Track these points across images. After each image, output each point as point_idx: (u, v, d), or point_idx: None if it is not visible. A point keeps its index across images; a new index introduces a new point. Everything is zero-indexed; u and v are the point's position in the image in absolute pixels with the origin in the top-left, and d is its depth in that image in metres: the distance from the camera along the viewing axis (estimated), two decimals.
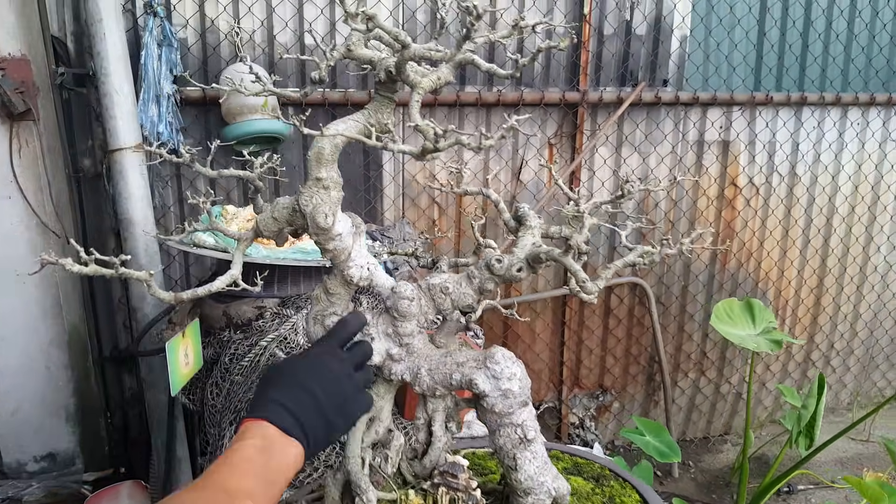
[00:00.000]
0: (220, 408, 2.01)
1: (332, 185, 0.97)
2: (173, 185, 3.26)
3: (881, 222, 4.36)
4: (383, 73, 0.95)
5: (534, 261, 1.02)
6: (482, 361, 1.03)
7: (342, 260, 1.03)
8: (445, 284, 1.05)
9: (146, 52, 2.98)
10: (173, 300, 0.98)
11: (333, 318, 1.06)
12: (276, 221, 1.01)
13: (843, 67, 4.04)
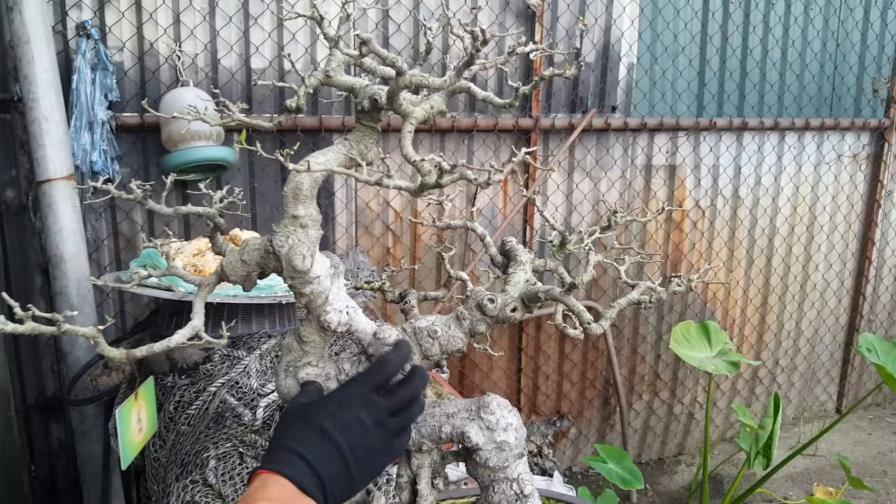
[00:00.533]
0: (165, 461, 1.86)
1: (310, 223, 0.88)
2: (107, 217, 3.07)
3: (818, 241, 4.49)
4: (367, 102, 0.87)
5: (529, 300, 0.94)
6: (475, 412, 0.95)
7: (319, 304, 0.94)
8: (433, 327, 0.97)
9: (78, 77, 2.81)
10: (125, 358, 0.86)
11: (308, 370, 0.96)
12: (245, 264, 0.91)
13: (779, 94, 4.17)
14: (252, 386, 1.86)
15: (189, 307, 1.79)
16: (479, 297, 0.97)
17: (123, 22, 2.95)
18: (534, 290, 0.93)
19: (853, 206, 4.51)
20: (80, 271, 2.47)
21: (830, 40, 4.16)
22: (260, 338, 2.06)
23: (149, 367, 2.09)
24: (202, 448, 1.72)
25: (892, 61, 4.31)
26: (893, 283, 4.81)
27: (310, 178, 0.86)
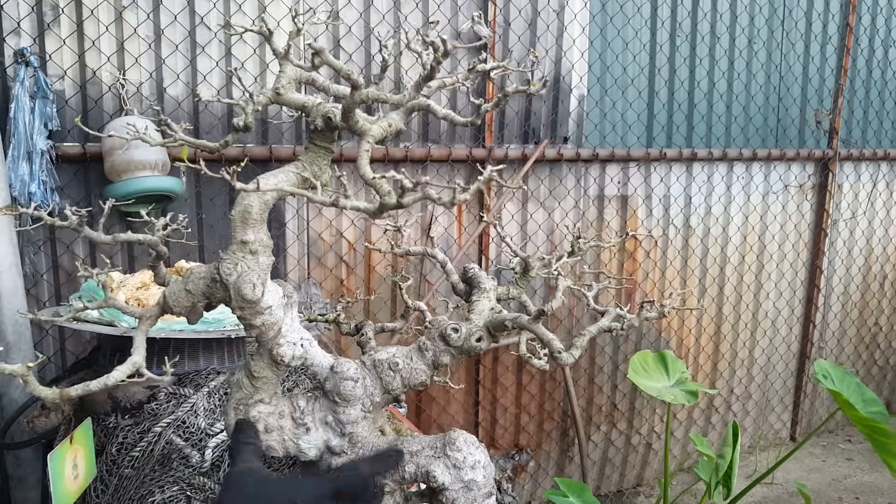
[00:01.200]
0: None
1: (260, 248, 0.82)
2: (47, 251, 2.93)
3: (768, 270, 4.58)
4: (320, 120, 0.82)
5: (496, 328, 0.89)
6: (440, 449, 0.89)
7: (271, 337, 0.87)
8: (394, 360, 0.91)
9: (16, 105, 2.70)
10: (58, 398, 0.78)
11: (261, 408, 0.89)
12: (190, 294, 0.84)
13: (726, 125, 4.27)
14: (200, 425, 1.76)
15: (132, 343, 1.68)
16: (443, 326, 0.92)
17: (65, 49, 2.86)
18: (500, 317, 0.88)
19: (801, 234, 4.62)
20: (16, 307, 2.33)
21: (774, 73, 4.29)
22: (208, 374, 1.96)
23: (90, 406, 1.96)
24: (147, 492, 1.61)
25: (832, 94, 4.47)
26: (842, 311, 4.92)
27: (259, 201, 0.80)
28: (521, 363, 3.96)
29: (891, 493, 4.13)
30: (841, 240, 4.77)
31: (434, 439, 0.91)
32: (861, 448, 4.80)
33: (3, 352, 2.30)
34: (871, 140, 4.71)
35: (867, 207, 4.81)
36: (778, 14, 4.26)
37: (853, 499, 4.09)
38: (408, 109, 0.78)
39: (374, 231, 3.50)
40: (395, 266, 3.58)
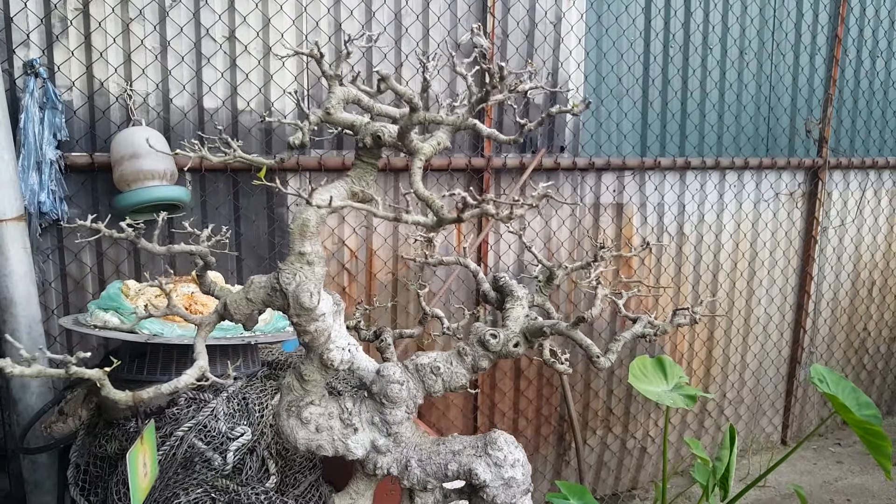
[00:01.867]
0: None
1: (316, 259, 0.87)
2: (55, 259, 2.96)
3: (760, 277, 4.67)
4: (369, 138, 0.87)
5: (533, 334, 0.95)
6: (482, 448, 0.94)
7: (322, 342, 0.93)
8: (436, 364, 0.97)
9: (26, 116, 2.74)
10: (131, 400, 0.83)
11: (312, 409, 0.94)
12: (251, 303, 0.89)
13: (718, 134, 4.36)
14: (220, 429, 1.80)
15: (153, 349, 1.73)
16: (481, 332, 0.97)
17: (73, 61, 2.89)
18: (537, 324, 0.94)
19: (791, 242, 4.71)
20: (31, 314, 2.36)
21: (765, 83, 4.39)
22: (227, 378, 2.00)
23: (110, 411, 2.00)
24: (172, 495, 1.65)
25: (822, 103, 4.58)
26: (831, 317, 5.02)
27: (316, 215, 0.85)
28: (518, 369, 4.02)
29: (881, 494, 4.22)
30: (830, 247, 4.87)
31: (475, 439, 0.96)
32: (851, 451, 4.89)
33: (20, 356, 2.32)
34: (859, 149, 4.82)
35: (856, 215, 4.92)
36: (768, 25, 4.37)
37: (844, 500, 4.18)
38: (454, 128, 0.83)
39: (376, 239, 3.56)
40: (395, 273, 3.63)
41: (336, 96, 0.89)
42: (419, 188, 0.78)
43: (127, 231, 0.93)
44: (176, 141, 3.04)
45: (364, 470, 0.97)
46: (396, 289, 3.66)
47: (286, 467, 1.80)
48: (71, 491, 2.03)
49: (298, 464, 1.80)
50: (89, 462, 2.08)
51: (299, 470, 1.78)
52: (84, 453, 2.11)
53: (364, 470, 0.97)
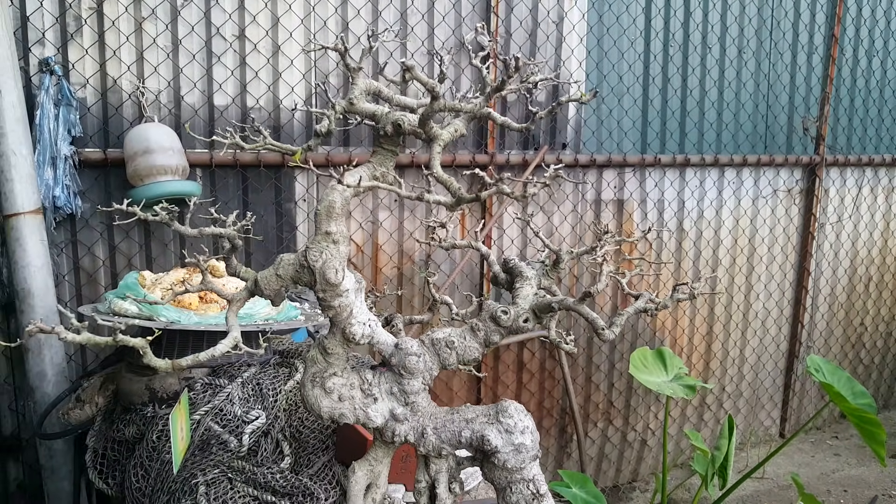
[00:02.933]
0: (150, 491, 1.84)
1: (341, 239, 0.94)
2: (69, 252, 3.03)
3: (758, 272, 4.74)
4: (390, 126, 0.94)
5: (541, 310, 1.02)
6: (493, 416, 1.01)
7: (344, 317, 0.99)
8: (450, 339, 1.03)
9: (41, 112, 2.81)
10: (170, 368, 0.90)
11: (335, 380, 1.01)
12: (280, 279, 0.96)
13: (717, 131, 4.43)
14: (236, 413, 1.87)
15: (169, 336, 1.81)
16: (493, 309, 1.04)
17: (87, 59, 2.96)
18: (546, 300, 1.01)
19: (789, 238, 4.78)
20: (48, 305, 2.43)
21: (763, 81, 4.46)
22: (240, 366, 2.07)
23: (128, 397, 2.07)
24: (189, 475, 1.72)
25: (819, 101, 4.65)
26: (829, 312, 5.09)
27: (341, 197, 0.92)
28: (521, 362, 4.09)
29: (877, 485, 4.29)
30: (828, 243, 4.94)
31: (487, 408, 1.03)
32: (848, 444, 4.96)
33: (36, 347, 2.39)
34: (856, 146, 4.89)
35: (853, 211, 4.98)
36: (766, 25, 4.43)
37: (841, 491, 4.25)
38: (470, 116, 0.90)
39: (381, 234, 3.63)
40: (400, 268, 3.70)
41: (359, 87, 0.96)
42: (438, 171, 0.84)
43: (161, 214, 0.99)
44: (187, 137, 3.11)
45: (383, 438, 1.03)
46: (401, 283, 3.73)
47: (300, 449, 1.87)
48: (89, 474, 2.10)
49: (312, 445, 1.87)
50: (107, 447, 2.14)
51: (313, 451, 1.85)
52: (101, 438, 2.18)
53: (383, 438, 1.03)
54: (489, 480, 1.04)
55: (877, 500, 4.11)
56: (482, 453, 1.03)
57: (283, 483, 1.65)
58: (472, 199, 0.84)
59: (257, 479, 1.69)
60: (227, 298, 0.98)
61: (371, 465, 1.04)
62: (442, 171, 0.85)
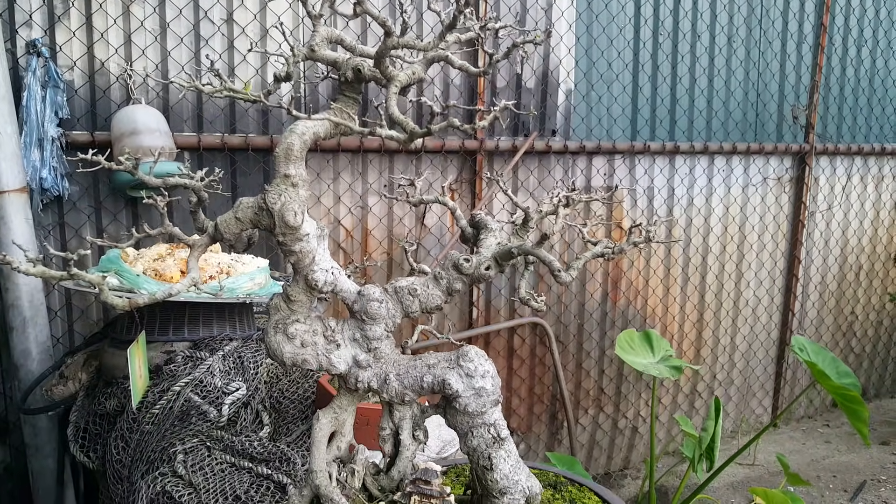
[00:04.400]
0: (129, 461, 1.85)
1: (300, 182, 0.95)
2: (56, 235, 3.03)
3: (749, 260, 4.75)
4: (350, 72, 0.95)
5: (503, 258, 1.03)
6: (454, 361, 1.02)
7: (306, 264, 1.00)
8: (413, 286, 1.04)
9: (28, 94, 2.81)
10: (128, 306, 0.91)
11: (297, 326, 1.02)
12: (239, 222, 0.97)
13: (707, 119, 4.44)
14: (216, 384, 1.88)
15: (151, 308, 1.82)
16: (455, 257, 1.05)
17: (74, 41, 2.97)
18: (506, 248, 1.02)
19: (779, 226, 4.79)
20: (32, 283, 2.44)
21: (752, 69, 4.47)
22: (221, 340, 2.08)
23: (110, 371, 2.08)
24: (168, 444, 1.73)
25: (808, 90, 4.66)
26: (819, 300, 5.10)
27: (300, 140, 0.93)
28: (511, 348, 4.10)
29: (866, 471, 4.30)
30: (818, 231, 4.95)
31: (448, 354, 1.04)
32: (839, 432, 4.98)
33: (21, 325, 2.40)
34: (845, 135, 4.90)
35: (842, 200, 5.00)
36: (756, 13, 4.44)
37: (831, 477, 4.26)
38: (428, 60, 0.91)
39: (371, 219, 3.63)
40: (390, 253, 3.71)
41: (320, 35, 0.97)
42: (394, 112, 0.85)
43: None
44: (175, 120, 3.12)
45: (347, 385, 1.04)
46: (391, 268, 3.74)
47: (279, 419, 1.88)
48: (71, 448, 2.11)
49: (291, 415, 1.88)
50: (88, 421, 2.15)
51: (292, 420, 1.86)
52: (84, 413, 2.19)
53: (347, 385, 1.04)
54: (451, 426, 1.05)
55: (865, 485, 4.12)
56: (444, 399, 1.04)
57: (261, 450, 1.66)
58: (424, 134, 0.85)
59: (235, 446, 1.70)
60: (188, 244, 0.99)
61: (336, 412, 1.05)
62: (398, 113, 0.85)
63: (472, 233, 1.18)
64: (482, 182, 3.79)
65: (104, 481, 2.00)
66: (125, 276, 2.02)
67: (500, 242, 1.07)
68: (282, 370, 2.04)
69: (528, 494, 1.05)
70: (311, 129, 0.94)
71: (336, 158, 3.47)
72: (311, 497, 1.02)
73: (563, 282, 0.95)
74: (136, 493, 1.68)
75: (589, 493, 1.25)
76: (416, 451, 1.09)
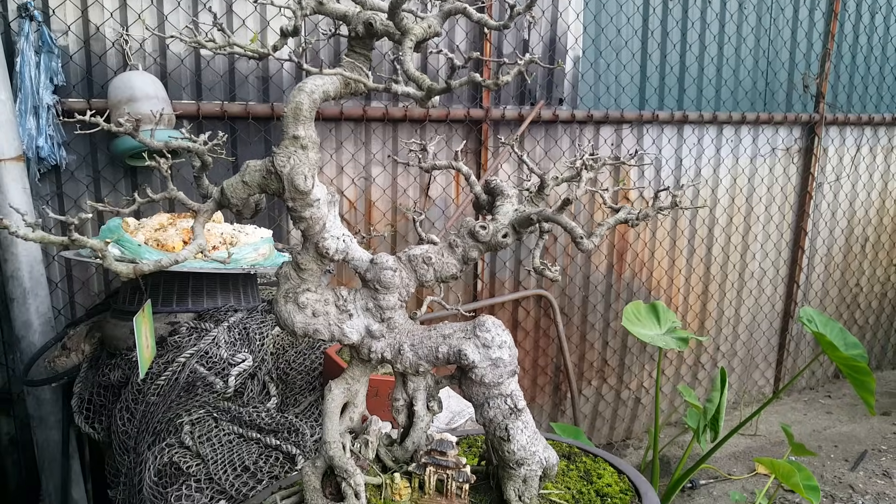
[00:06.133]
0: (135, 432, 1.82)
1: (310, 144, 0.90)
2: (54, 205, 2.98)
3: (755, 231, 4.70)
4: (361, 27, 0.90)
5: (521, 225, 0.99)
6: (470, 331, 0.99)
7: (317, 231, 0.96)
8: (427, 255, 1.00)
9: (22, 59, 2.74)
10: (132, 272, 0.87)
11: (308, 295, 0.98)
12: (247, 186, 0.92)
13: (716, 88, 4.36)
14: (222, 356, 1.85)
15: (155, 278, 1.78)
16: (471, 224, 1.01)
17: (68, 4, 2.89)
18: (524, 213, 0.97)
19: (787, 197, 4.74)
20: (31, 254, 2.40)
21: (763, 37, 4.38)
22: (226, 311, 2.04)
23: (113, 342, 2.05)
24: (175, 416, 1.70)
25: (820, 58, 4.57)
26: (825, 272, 5.07)
27: (309, 99, 0.88)
28: (516, 320, 4.08)
29: (867, 441, 4.31)
30: (825, 202, 4.90)
31: (464, 324, 1.01)
32: (840, 403, 4.98)
33: (21, 296, 2.37)
34: (856, 105, 4.82)
35: (851, 171, 4.94)
36: None
37: (832, 447, 4.27)
38: (445, 13, 0.86)
39: (374, 190, 3.58)
40: (393, 225, 3.67)
41: None
42: (409, 67, 0.80)
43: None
44: (173, 87, 3.05)
45: (359, 355, 1.01)
46: (395, 241, 3.70)
47: (286, 390, 1.86)
48: (76, 419, 2.09)
49: (299, 386, 1.85)
50: (93, 393, 2.13)
51: (299, 391, 1.83)
52: (87, 384, 2.17)
53: (359, 355, 1.01)
54: (467, 398, 1.02)
55: (866, 454, 4.12)
56: (460, 370, 1.01)
57: (269, 421, 1.63)
58: (442, 90, 0.80)
59: (242, 417, 1.67)
60: (193, 210, 0.95)
61: (348, 383, 1.02)
62: (413, 69, 0.80)
63: (487, 199, 1.13)
64: (487, 152, 3.73)
65: (110, 452, 1.98)
66: (126, 246, 1.98)
67: (517, 209, 1.03)
68: (288, 341, 2.01)
69: (546, 465, 1.02)
70: (320, 86, 0.89)
71: (339, 127, 3.40)
72: (325, 468, 0.99)
73: (585, 249, 0.91)
74: (143, 463, 1.66)
75: (603, 464, 1.22)
76: (430, 422, 1.05)
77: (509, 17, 0.84)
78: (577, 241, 0.91)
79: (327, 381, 1.76)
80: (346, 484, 0.93)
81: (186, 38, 0.93)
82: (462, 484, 1.01)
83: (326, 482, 0.99)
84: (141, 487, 1.61)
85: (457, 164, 1.15)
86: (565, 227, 0.92)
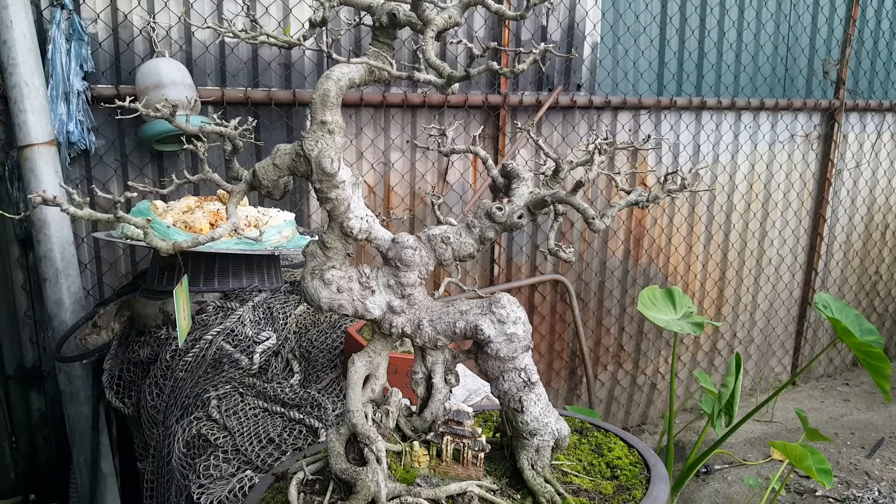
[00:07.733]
0: (164, 407, 1.90)
1: (336, 129, 0.95)
2: (83, 188, 3.07)
3: (773, 218, 4.70)
4: (385, 17, 0.95)
5: (535, 206, 1.03)
6: (487, 307, 1.04)
7: (342, 211, 1.01)
8: (446, 235, 1.05)
9: (53, 46, 2.82)
10: (171, 249, 0.93)
11: (333, 272, 1.04)
12: (277, 168, 0.98)
13: (735, 74, 4.35)
14: (247, 334, 1.92)
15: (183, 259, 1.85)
16: (488, 206, 1.06)
17: None
18: (539, 195, 1.02)
19: (805, 184, 4.73)
20: (63, 235, 2.48)
21: (783, 22, 4.36)
22: (251, 291, 2.11)
23: (142, 320, 2.12)
24: (202, 391, 1.78)
25: (840, 44, 4.54)
26: (843, 259, 5.06)
27: (336, 86, 0.93)
28: (532, 304, 4.12)
29: (884, 429, 4.31)
30: (844, 189, 4.88)
31: (481, 301, 1.06)
32: (858, 391, 4.98)
33: (53, 276, 2.45)
34: (877, 91, 4.79)
35: (871, 158, 4.91)
36: None
37: (849, 434, 4.28)
38: (464, 3, 0.90)
39: (393, 175, 3.63)
40: (411, 209, 3.72)
41: None
42: (431, 56, 0.85)
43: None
44: (198, 73, 3.12)
45: (381, 330, 1.06)
46: (413, 225, 3.75)
47: (309, 367, 1.92)
48: (106, 394, 2.17)
49: (321, 363, 1.92)
50: (122, 369, 2.21)
51: (321, 369, 1.90)
52: (117, 361, 2.25)
53: (381, 330, 1.06)
54: (483, 372, 1.07)
55: (883, 442, 4.14)
56: (476, 345, 1.06)
57: (293, 396, 1.70)
58: (462, 78, 0.85)
59: (267, 392, 1.74)
60: (226, 190, 1.01)
61: (370, 356, 1.08)
62: (434, 58, 0.85)
63: (504, 182, 1.18)
64: (505, 138, 3.77)
65: (138, 426, 2.07)
66: (156, 228, 2.05)
67: (532, 192, 1.08)
68: (311, 320, 2.08)
69: (557, 436, 1.08)
70: (346, 74, 0.94)
71: (358, 113, 3.46)
72: (348, 435, 1.04)
73: (596, 229, 0.96)
74: (171, 436, 1.74)
75: (614, 439, 1.27)
76: (447, 394, 1.11)
77: (526, 8, 0.88)
78: (588, 221, 0.96)
79: (347, 358, 1.83)
80: (368, 450, 0.99)
81: (219, 28, 0.99)
82: (478, 453, 1.07)
83: (349, 448, 1.05)
84: (170, 459, 1.68)
85: (475, 149, 1.20)
86: (577, 208, 0.97)
